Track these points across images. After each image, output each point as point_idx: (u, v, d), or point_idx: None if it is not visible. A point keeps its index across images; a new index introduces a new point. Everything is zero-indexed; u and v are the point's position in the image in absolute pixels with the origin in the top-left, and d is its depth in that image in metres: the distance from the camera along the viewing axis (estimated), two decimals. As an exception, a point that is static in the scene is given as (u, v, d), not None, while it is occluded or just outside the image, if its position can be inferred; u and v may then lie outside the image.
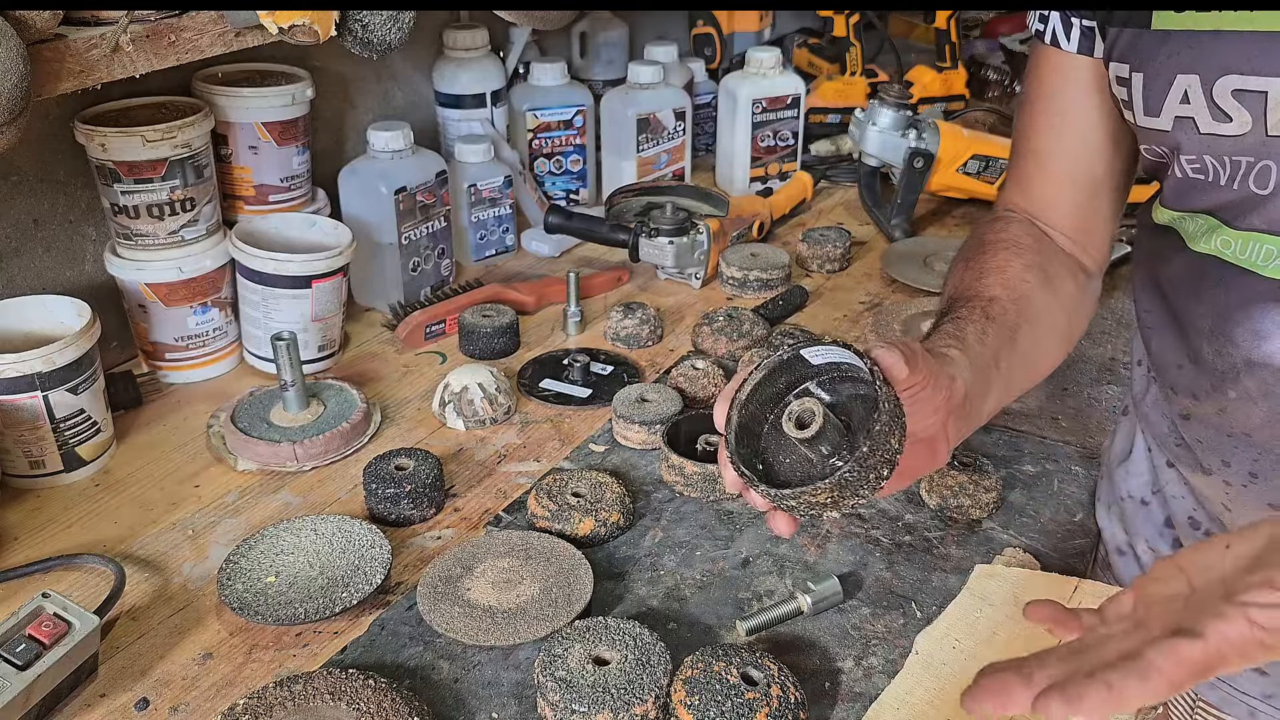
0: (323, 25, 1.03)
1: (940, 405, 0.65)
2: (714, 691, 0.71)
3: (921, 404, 0.63)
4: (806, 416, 0.60)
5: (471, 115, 1.50)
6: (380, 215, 1.26)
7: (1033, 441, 1.05)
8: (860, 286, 1.40)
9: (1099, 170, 0.82)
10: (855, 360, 0.61)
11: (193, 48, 0.99)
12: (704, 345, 1.21)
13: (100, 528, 0.94)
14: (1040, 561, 0.87)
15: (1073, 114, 0.81)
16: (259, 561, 0.87)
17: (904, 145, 1.50)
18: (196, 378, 1.17)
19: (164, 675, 0.79)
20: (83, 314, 1.00)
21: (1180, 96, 0.68)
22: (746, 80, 1.62)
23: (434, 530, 0.94)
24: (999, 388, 0.72)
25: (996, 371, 0.71)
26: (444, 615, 0.81)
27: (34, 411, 0.95)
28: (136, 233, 1.09)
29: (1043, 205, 0.85)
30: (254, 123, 1.20)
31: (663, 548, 0.91)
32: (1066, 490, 0.98)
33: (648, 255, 1.35)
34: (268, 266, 1.12)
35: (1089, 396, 1.13)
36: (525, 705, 0.75)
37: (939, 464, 0.68)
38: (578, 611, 0.82)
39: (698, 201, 1.40)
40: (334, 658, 0.80)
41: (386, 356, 1.24)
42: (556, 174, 1.59)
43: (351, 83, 1.43)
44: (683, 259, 1.35)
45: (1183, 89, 0.68)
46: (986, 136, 1.58)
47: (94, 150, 1.06)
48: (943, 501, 0.94)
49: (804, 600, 0.82)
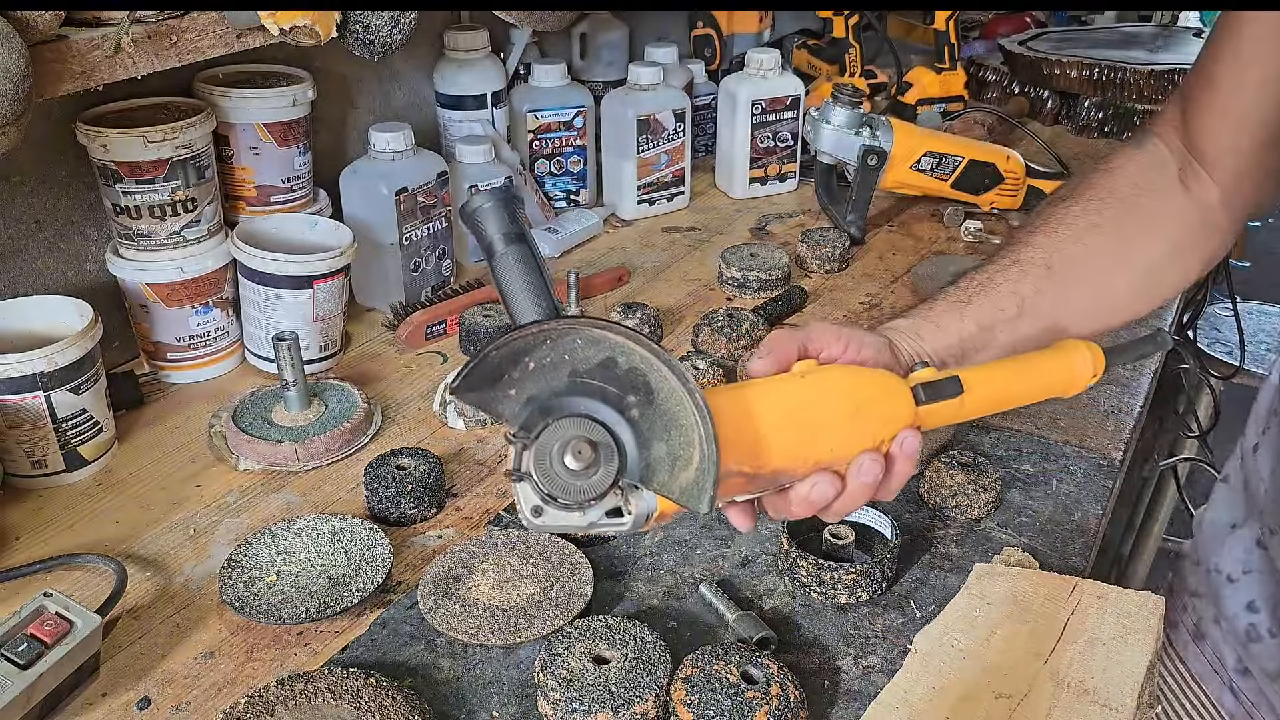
0: (324, 26, 1.03)
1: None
2: (714, 690, 0.71)
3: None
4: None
5: (472, 116, 1.50)
6: (381, 216, 1.26)
7: (1032, 441, 1.05)
8: (860, 287, 1.41)
9: (1276, 117, 0.72)
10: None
11: (194, 49, 0.99)
12: (704, 345, 1.22)
13: (102, 527, 0.95)
14: (1039, 561, 0.88)
15: (1265, 48, 0.71)
16: (260, 561, 0.87)
17: (858, 143, 1.50)
18: (198, 378, 1.17)
19: (165, 674, 0.79)
20: (84, 314, 1.00)
21: None
22: (746, 81, 1.62)
23: (435, 530, 0.94)
24: (995, 347, 0.76)
25: (991, 336, 0.75)
26: (445, 614, 0.82)
27: (36, 411, 0.95)
28: (138, 233, 1.10)
29: (1200, 135, 0.77)
30: (255, 123, 1.20)
31: (663, 547, 0.91)
32: (1065, 490, 0.98)
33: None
34: (269, 267, 1.12)
35: (1089, 396, 1.13)
36: (526, 704, 0.75)
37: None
38: (578, 610, 0.82)
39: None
40: (335, 657, 0.80)
41: (387, 356, 1.24)
42: (557, 175, 1.59)
43: (353, 84, 1.43)
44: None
45: None
46: (939, 134, 1.59)
47: (95, 151, 1.06)
48: (941, 501, 0.94)
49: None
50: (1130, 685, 0.72)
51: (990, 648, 0.76)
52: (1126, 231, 0.79)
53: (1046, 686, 0.72)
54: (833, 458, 0.63)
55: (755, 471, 0.61)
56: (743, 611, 0.82)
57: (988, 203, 1.59)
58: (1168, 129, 0.81)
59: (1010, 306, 0.77)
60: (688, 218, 1.63)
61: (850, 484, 0.63)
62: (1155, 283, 0.81)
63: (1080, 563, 0.90)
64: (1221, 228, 0.80)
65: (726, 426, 0.58)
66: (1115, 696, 0.71)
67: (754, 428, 0.61)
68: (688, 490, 0.56)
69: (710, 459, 0.55)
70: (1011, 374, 0.69)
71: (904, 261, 1.49)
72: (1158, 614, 0.79)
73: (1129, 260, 0.79)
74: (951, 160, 1.55)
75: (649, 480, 0.57)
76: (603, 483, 0.56)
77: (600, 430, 0.56)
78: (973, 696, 0.72)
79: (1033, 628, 0.78)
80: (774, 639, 0.80)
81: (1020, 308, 0.77)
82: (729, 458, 0.58)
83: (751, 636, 0.79)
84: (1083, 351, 0.71)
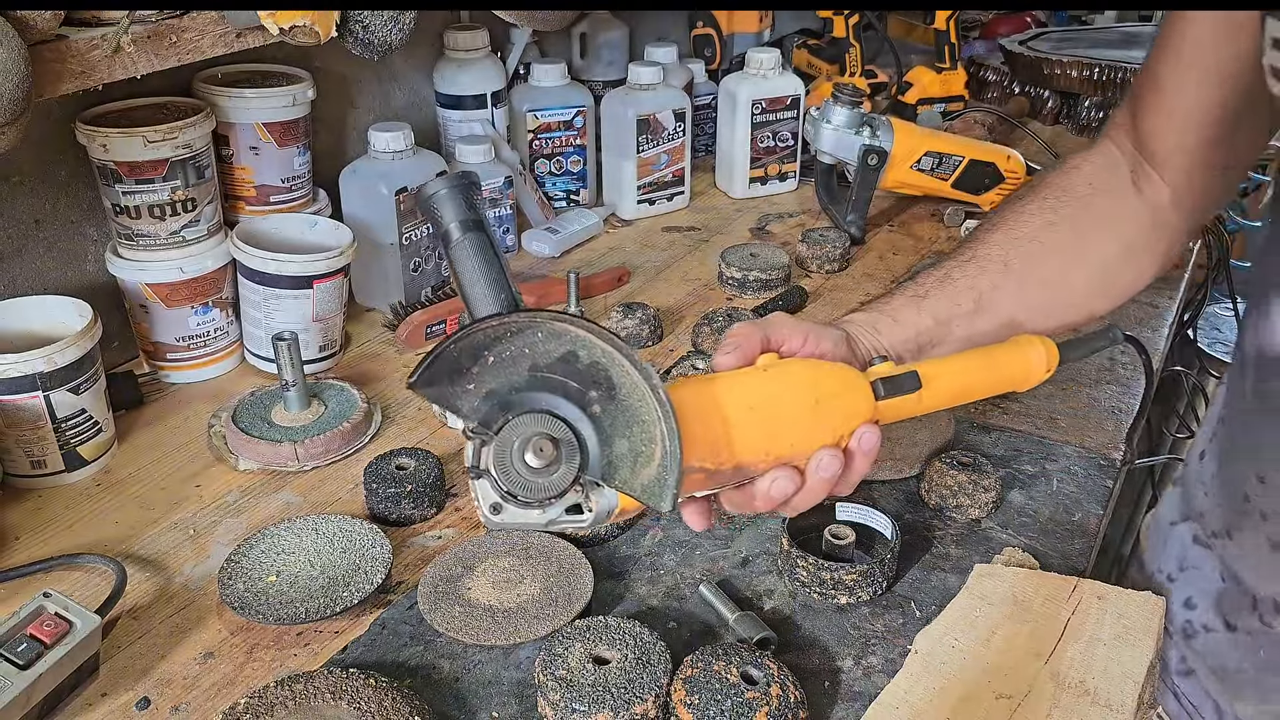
0: (323, 26, 1.03)
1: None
2: (714, 691, 0.71)
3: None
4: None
5: (472, 116, 1.50)
6: (381, 215, 1.26)
7: (1033, 441, 1.05)
8: (860, 287, 1.41)
9: (1219, 116, 0.73)
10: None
11: (194, 48, 0.99)
12: (704, 345, 1.21)
13: (101, 527, 0.95)
14: (1039, 561, 0.88)
15: (1205, 49, 0.71)
16: (260, 561, 0.87)
17: (858, 143, 1.50)
18: (197, 377, 1.17)
19: (165, 675, 0.79)
20: (84, 314, 1.00)
21: None
22: (746, 81, 1.62)
23: (435, 530, 0.94)
24: (952, 341, 0.77)
25: (947, 331, 0.76)
26: (445, 615, 0.82)
27: (35, 411, 0.95)
28: (138, 233, 1.10)
29: (1149, 136, 0.78)
30: (255, 123, 1.20)
31: (663, 547, 0.91)
32: (1066, 490, 0.98)
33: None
34: (269, 267, 1.12)
35: (1089, 396, 1.13)
36: (526, 704, 0.75)
37: None
38: (578, 611, 0.82)
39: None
40: (335, 657, 0.80)
41: (387, 356, 1.24)
42: (557, 174, 1.59)
43: (352, 83, 1.43)
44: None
45: None
46: (939, 134, 1.59)
47: (95, 151, 1.06)
48: (941, 501, 0.94)
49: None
50: (1131, 686, 0.72)
51: (990, 648, 0.76)
52: (1082, 230, 0.80)
53: (1047, 687, 0.72)
54: (793, 453, 0.63)
55: (716, 467, 0.60)
56: (743, 612, 0.82)
57: (988, 202, 1.59)
58: (1119, 132, 0.83)
59: (967, 302, 0.78)
60: (688, 217, 1.63)
61: (809, 479, 0.63)
62: (1110, 281, 0.82)
63: (1081, 563, 0.90)
64: (1174, 227, 0.81)
65: (689, 422, 0.57)
66: (1116, 697, 0.71)
67: (716, 423, 0.60)
68: (649, 488, 0.55)
69: (673, 456, 0.55)
70: (968, 368, 0.70)
71: (904, 261, 1.49)
72: (1158, 614, 0.79)
73: (1084, 258, 0.80)
74: (952, 160, 1.55)
75: (610, 478, 0.56)
76: (564, 480, 0.56)
77: (561, 426, 0.56)
78: (973, 697, 0.72)
79: (1033, 628, 0.78)
80: (774, 639, 0.79)
81: (977, 303, 0.78)
82: (691, 454, 0.58)
83: (752, 637, 0.79)
84: (1037, 346, 0.72)
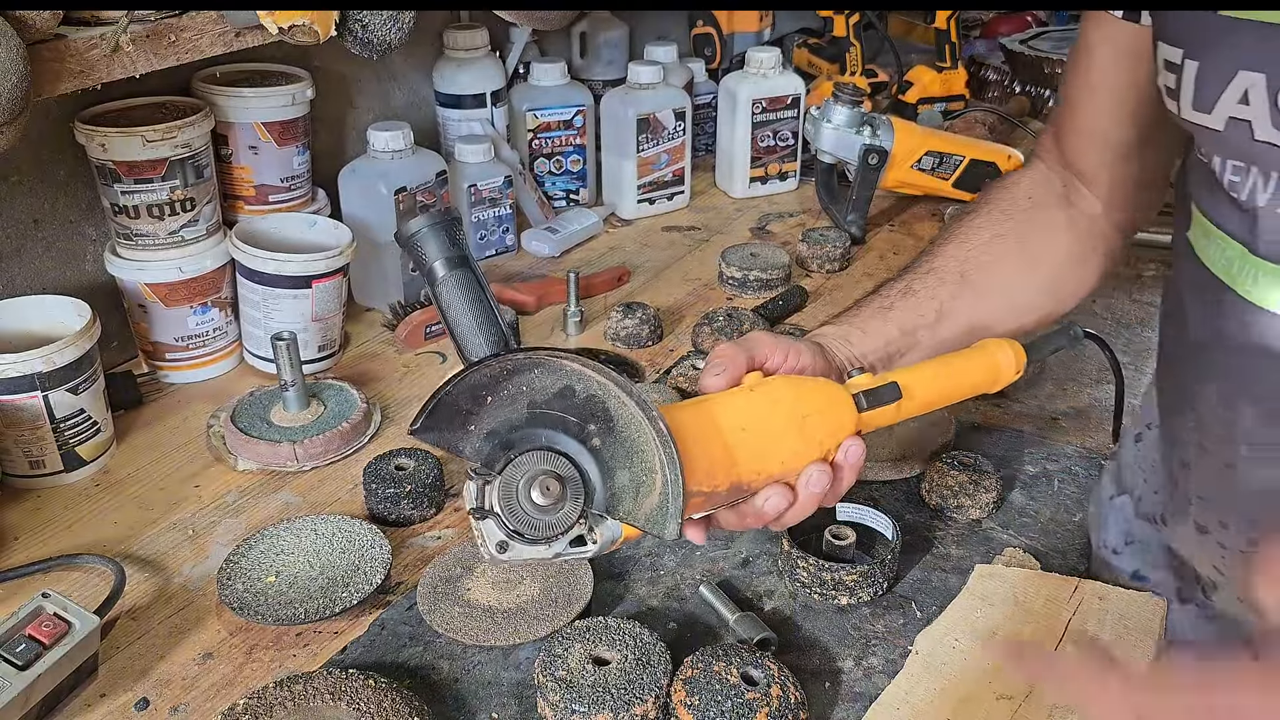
0: (323, 25, 1.03)
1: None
2: (714, 691, 0.71)
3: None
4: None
5: (471, 115, 1.50)
6: (380, 215, 1.26)
7: (1033, 441, 1.05)
8: (860, 286, 1.40)
9: (1130, 134, 0.78)
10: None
11: (193, 48, 0.99)
12: (704, 345, 1.21)
13: (100, 528, 0.94)
14: (1040, 561, 0.87)
15: (1110, 73, 0.77)
16: (259, 561, 0.87)
17: (859, 142, 1.50)
18: (196, 378, 1.17)
19: (164, 675, 0.79)
20: (83, 314, 1.00)
21: (1240, 95, 0.61)
22: (746, 80, 1.62)
23: (434, 530, 0.94)
24: (919, 349, 0.80)
25: (914, 340, 0.80)
26: (444, 615, 0.81)
27: (34, 411, 0.95)
28: (137, 233, 1.09)
29: (1073, 155, 0.84)
30: (254, 123, 1.20)
31: (663, 548, 0.91)
32: (1066, 490, 0.98)
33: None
34: (268, 266, 1.12)
35: (1089, 396, 1.13)
36: (525, 705, 0.75)
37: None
38: (578, 611, 0.82)
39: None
40: (334, 658, 0.80)
41: (386, 356, 1.24)
42: (556, 174, 1.59)
43: (351, 83, 1.43)
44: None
45: (1243, 88, 0.60)
46: (940, 133, 1.59)
47: (94, 150, 1.06)
48: (942, 501, 0.94)
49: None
50: (1132, 686, 0.71)
51: (990, 648, 0.76)
52: (1025, 240, 0.84)
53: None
54: (784, 470, 0.64)
55: (713, 489, 0.61)
56: (743, 612, 0.82)
57: (988, 202, 1.59)
58: (1047, 152, 0.88)
59: (930, 312, 0.81)
60: (688, 217, 1.63)
61: (801, 495, 0.65)
62: (1058, 287, 0.86)
63: (1081, 564, 0.90)
64: (1107, 237, 0.85)
65: (687, 447, 0.58)
66: (1117, 698, 0.70)
67: (713, 447, 0.61)
68: (652, 517, 0.56)
69: (675, 485, 0.55)
70: (943, 375, 0.73)
71: (904, 261, 1.47)
72: (1159, 615, 0.79)
73: (1031, 266, 0.85)
74: (953, 159, 1.55)
75: (614, 509, 0.57)
76: (569, 516, 0.56)
77: (565, 463, 0.56)
78: (974, 697, 0.72)
79: (1034, 629, 0.78)
80: (774, 640, 0.79)
81: (939, 313, 0.81)
82: (690, 480, 0.59)
83: (752, 637, 0.79)
84: (1005, 349, 0.75)
